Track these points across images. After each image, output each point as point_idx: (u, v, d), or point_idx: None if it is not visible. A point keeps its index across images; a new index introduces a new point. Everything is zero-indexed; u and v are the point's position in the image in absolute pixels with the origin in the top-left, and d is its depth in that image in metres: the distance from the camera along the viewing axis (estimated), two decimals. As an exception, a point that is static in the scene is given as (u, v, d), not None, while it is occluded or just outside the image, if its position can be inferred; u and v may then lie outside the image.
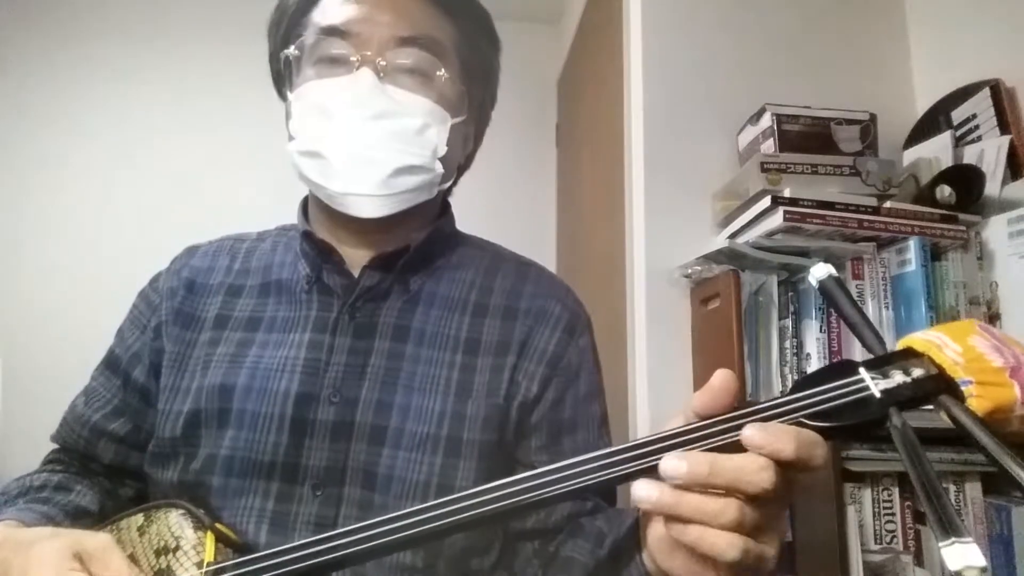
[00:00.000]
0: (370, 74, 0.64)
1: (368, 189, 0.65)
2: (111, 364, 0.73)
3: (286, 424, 0.63)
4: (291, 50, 0.69)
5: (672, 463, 0.39)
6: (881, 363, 0.39)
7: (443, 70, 0.68)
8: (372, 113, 0.64)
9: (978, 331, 0.37)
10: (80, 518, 0.62)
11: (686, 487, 0.39)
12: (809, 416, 0.39)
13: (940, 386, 0.36)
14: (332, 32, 0.66)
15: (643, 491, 0.40)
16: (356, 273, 0.70)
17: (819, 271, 0.44)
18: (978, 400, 0.34)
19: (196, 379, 0.67)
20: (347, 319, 0.68)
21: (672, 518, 0.40)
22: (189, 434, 0.65)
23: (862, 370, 0.39)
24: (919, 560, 1.00)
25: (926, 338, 0.38)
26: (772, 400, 0.40)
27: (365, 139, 0.65)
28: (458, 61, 0.71)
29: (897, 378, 0.37)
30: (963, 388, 0.35)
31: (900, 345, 0.39)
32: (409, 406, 0.64)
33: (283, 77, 0.71)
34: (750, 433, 0.39)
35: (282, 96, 0.73)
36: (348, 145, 0.65)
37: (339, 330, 0.67)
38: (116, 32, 2.47)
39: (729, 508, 0.38)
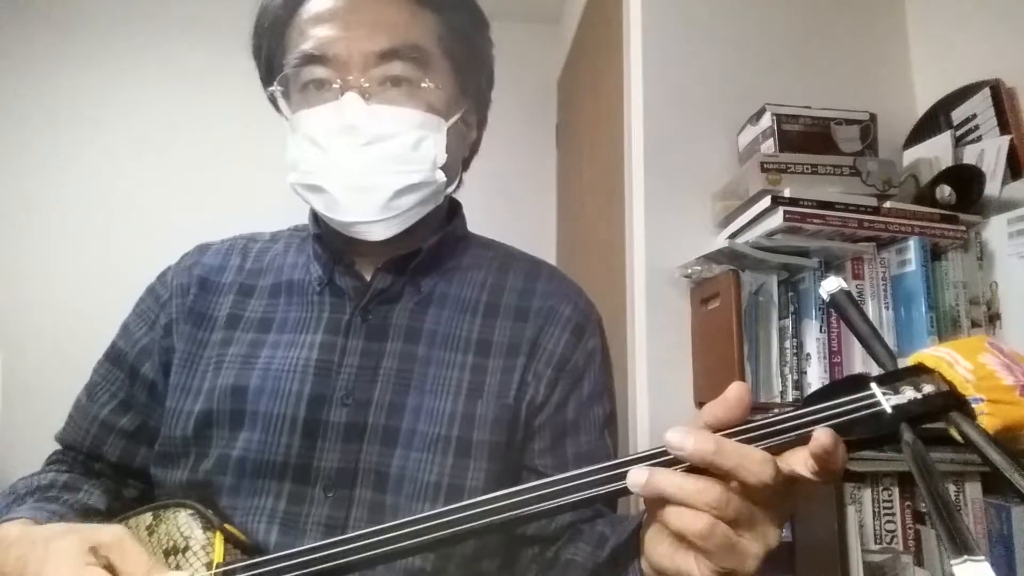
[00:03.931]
0: (355, 98, 0.63)
1: (372, 215, 0.65)
2: (114, 358, 0.73)
3: (298, 426, 0.63)
4: (275, 87, 0.68)
5: (677, 435, 0.41)
6: (892, 378, 0.39)
7: (428, 81, 0.66)
8: (363, 140, 0.64)
9: (988, 348, 0.37)
10: (89, 516, 0.62)
11: (691, 465, 0.41)
12: None
13: (951, 403, 0.37)
14: (309, 60, 0.65)
15: (634, 475, 0.42)
16: (368, 275, 0.70)
17: (830, 284, 0.44)
18: (989, 418, 0.35)
19: (208, 379, 0.67)
20: (359, 321, 0.68)
21: (659, 500, 0.42)
22: (200, 434, 0.65)
23: (873, 385, 0.39)
24: (919, 560, 1.00)
25: (937, 354, 0.38)
26: (784, 413, 0.40)
27: (361, 168, 0.64)
28: (445, 57, 0.69)
29: (908, 394, 0.37)
30: (974, 406, 0.35)
31: (911, 361, 0.40)
32: (421, 407, 0.64)
33: (276, 105, 0.71)
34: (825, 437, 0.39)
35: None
36: (345, 177, 0.64)
37: (351, 332, 0.68)
38: (121, 26, 2.46)
39: (712, 488, 0.39)
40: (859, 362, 1.10)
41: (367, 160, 0.64)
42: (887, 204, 1.12)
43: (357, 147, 0.64)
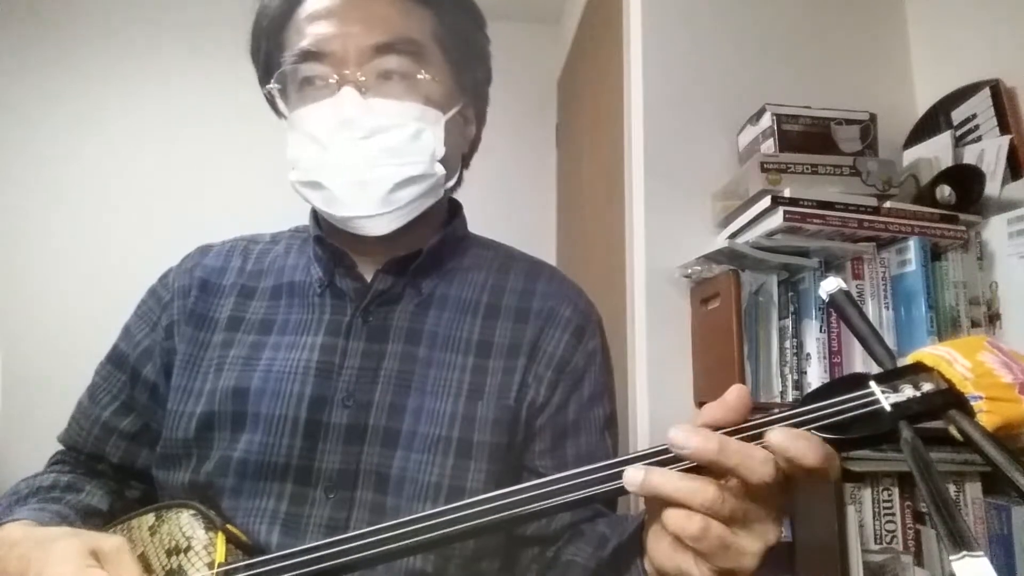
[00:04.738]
0: (352, 92, 0.64)
1: (372, 209, 0.65)
2: (116, 360, 0.73)
3: (300, 427, 0.63)
4: (273, 85, 0.68)
5: (680, 433, 0.41)
6: (891, 377, 0.39)
7: (424, 72, 0.67)
8: (362, 134, 0.64)
9: (987, 347, 0.37)
10: (91, 517, 0.63)
11: (695, 464, 0.41)
12: (820, 428, 0.39)
13: (950, 401, 0.37)
14: (307, 57, 0.66)
15: (630, 474, 0.42)
16: (368, 277, 0.70)
17: (829, 284, 0.44)
18: (988, 415, 0.35)
19: (209, 381, 0.67)
20: (360, 323, 0.68)
21: (658, 500, 0.42)
22: (202, 436, 0.65)
23: (872, 383, 0.39)
24: (919, 560, 1.00)
25: (936, 353, 0.38)
26: (784, 412, 0.40)
27: (360, 162, 0.64)
28: (441, 52, 0.70)
29: (907, 392, 0.38)
30: (973, 403, 0.35)
31: (910, 359, 0.40)
32: (421, 409, 0.65)
33: (273, 105, 0.71)
34: (777, 437, 0.39)
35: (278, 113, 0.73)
36: (344, 172, 0.65)
37: (352, 333, 0.68)
38: (122, 28, 2.46)
39: (707, 488, 0.40)
40: (859, 362, 1.10)
41: (366, 154, 0.64)
42: (887, 204, 1.12)
43: (355, 141, 0.64)
